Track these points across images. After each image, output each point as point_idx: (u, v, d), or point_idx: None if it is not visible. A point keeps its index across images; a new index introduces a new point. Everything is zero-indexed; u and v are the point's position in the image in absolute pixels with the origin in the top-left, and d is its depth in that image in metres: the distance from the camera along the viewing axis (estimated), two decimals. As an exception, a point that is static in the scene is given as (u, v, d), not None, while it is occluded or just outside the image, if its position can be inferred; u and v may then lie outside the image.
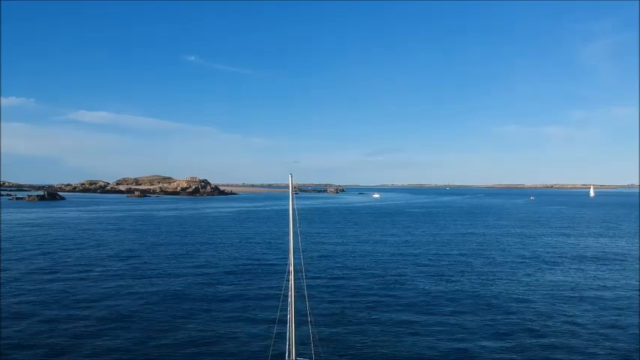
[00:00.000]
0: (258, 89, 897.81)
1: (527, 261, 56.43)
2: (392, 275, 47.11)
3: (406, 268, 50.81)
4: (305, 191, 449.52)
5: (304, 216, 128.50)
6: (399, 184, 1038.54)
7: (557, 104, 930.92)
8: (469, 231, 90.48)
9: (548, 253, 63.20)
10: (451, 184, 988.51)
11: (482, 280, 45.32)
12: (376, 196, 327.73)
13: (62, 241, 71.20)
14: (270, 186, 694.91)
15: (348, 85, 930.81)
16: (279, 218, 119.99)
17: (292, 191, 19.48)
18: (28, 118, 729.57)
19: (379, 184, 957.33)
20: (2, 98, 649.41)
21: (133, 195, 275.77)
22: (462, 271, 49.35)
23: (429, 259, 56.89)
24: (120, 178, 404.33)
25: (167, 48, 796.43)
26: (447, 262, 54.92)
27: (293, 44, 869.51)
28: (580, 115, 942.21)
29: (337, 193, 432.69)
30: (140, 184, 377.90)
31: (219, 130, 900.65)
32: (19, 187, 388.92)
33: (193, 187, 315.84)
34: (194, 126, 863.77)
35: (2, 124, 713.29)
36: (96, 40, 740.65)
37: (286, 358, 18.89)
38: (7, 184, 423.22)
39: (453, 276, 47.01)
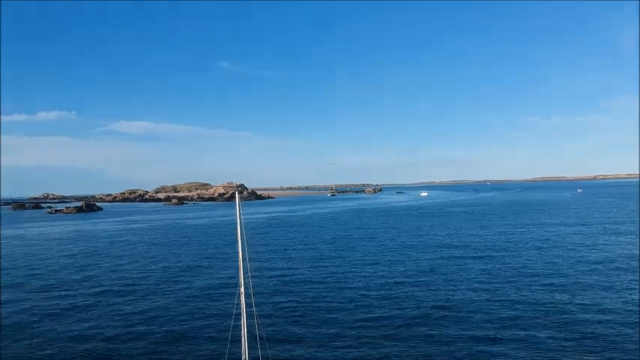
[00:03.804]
0: (292, 92, 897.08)
1: (598, 268, 48.69)
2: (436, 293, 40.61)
3: (438, 278, 44.16)
4: (343, 192, 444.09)
5: (338, 219, 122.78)
6: (437, 181, 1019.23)
7: (595, 93, 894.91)
8: (517, 230, 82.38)
9: (623, 257, 55.10)
10: (491, 179, 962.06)
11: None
12: (424, 194, 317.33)
13: (78, 257, 67.17)
14: (307, 188, 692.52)
15: (382, 83, 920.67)
16: (309, 225, 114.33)
17: (239, 208, 19.49)
18: (70, 131, 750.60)
19: (417, 182, 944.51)
20: (44, 112, 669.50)
21: (170, 203, 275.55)
22: (514, 278, 42.35)
23: (471, 266, 49.93)
24: (159, 186, 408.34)
25: (201, 55, 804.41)
26: (501, 271, 47.84)
27: (325, 45, 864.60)
28: (620, 103, 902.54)
29: (375, 193, 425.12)
30: (178, 192, 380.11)
31: (255, 135, 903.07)
32: (62, 199, 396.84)
33: (230, 192, 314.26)
34: (230, 132, 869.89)
35: (45, 138, 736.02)
36: (130, 51, 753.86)
37: None
38: (51, 196, 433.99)
39: (506, 288, 40.08)
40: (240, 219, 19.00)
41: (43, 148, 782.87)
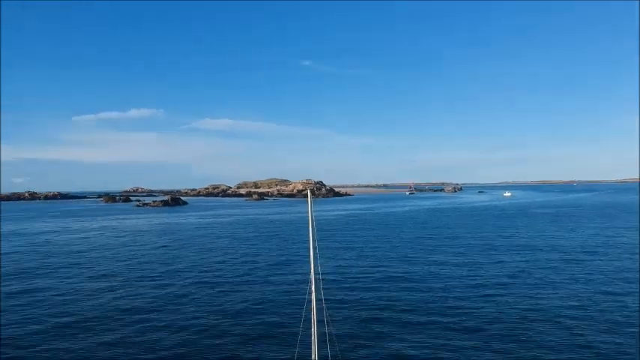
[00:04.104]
0: (372, 90, 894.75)
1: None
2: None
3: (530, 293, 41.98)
4: (421, 191, 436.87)
5: (416, 218, 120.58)
6: (521, 181, 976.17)
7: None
8: (609, 233, 77.00)
9: None
10: (578, 179, 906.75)
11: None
12: (508, 194, 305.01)
13: (161, 250, 70.10)
14: (385, 186, 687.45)
15: (463, 80, 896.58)
16: (386, 223, 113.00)
17: (311, 206, 19.22)
18: (159, 127, 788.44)
19: (499, 181, 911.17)
20: (135, 110, 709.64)
21: (251, 198, 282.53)
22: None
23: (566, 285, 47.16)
24: (241, 181, 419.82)
25: (283, 54, 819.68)
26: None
27: (404, 42, 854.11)
28: None
29: (455, 192, 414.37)
30: (259, 187, 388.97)
31: (335, 132, 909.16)
32: (150, 193, 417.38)
33: (308, 188, 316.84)
34: (310, 129, 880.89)
35: (137, 134, 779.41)
36: (214, 50, 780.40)
37: None
38: (140, 190, 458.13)
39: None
40: (311, 220, 18.84)
41: (134, 144, 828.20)
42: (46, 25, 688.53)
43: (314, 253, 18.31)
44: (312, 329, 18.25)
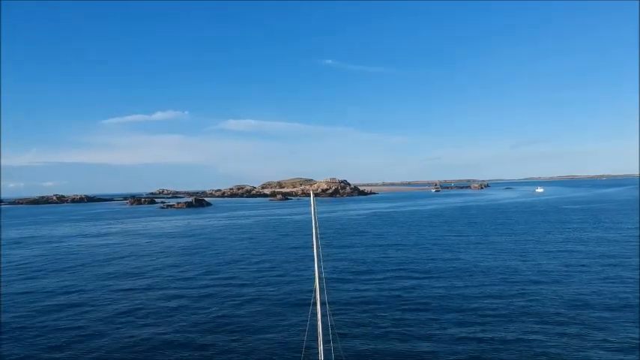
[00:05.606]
0: (395, 87, 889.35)
1: None
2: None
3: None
4: (447, 188, 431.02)
5: (443, 216, 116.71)
6: (548, 176, 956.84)
7: None
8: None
9: None
10: (608, 174, 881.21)
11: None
12: (539, 190, 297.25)
13: (178, 252, 68.27)
14: (410, 184, 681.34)
15: (487, 75, 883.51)
16: (411, 222, 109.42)
17: (314, 207, 18.41)
18: (184, 129, 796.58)
19: (526, 177, 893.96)
20: (160, 113, 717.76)
21: (275, 198, 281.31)
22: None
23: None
24: (265, 181, 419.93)
25: (306, 54, 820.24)
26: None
27: (426, 39, 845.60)
28: None
29: (482, 188, 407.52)
30: (283, 187, 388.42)
31: (358, 131, 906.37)
32: (175, 194, 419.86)
33: (333, 188, 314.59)
34: (333, 128, 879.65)
35: (162, 136, 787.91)
36: (236, 52, 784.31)
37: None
38: (165, 191, 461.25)
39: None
40: (315, 220, 17.72)
41: (160, 146, 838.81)
42: (71, 30, 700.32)
43: (318, 256, 17.57)
44: (317, 332, 17.71)
